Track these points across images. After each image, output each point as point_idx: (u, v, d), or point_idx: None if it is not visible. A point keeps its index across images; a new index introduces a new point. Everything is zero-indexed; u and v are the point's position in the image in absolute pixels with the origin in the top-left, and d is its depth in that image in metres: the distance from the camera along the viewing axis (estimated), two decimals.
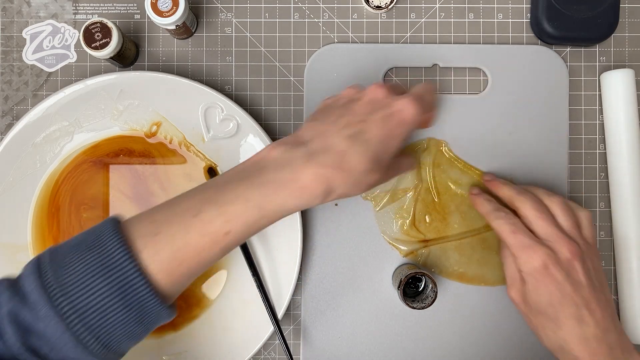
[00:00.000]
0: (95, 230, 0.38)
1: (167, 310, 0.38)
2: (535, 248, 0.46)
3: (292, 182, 0.39)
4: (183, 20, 0.51)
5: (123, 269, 0.36)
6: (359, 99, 0.44)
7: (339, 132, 0.41)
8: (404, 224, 0.56)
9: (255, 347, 0.54)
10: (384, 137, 0.42)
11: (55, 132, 0.54)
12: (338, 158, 0.40)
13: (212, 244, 0.38)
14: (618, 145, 0.55)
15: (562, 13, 0.55)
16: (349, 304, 0.56)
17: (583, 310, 0.45)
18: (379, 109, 0.43)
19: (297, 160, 0.40)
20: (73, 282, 0.35)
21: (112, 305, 0.36)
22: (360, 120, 0.42)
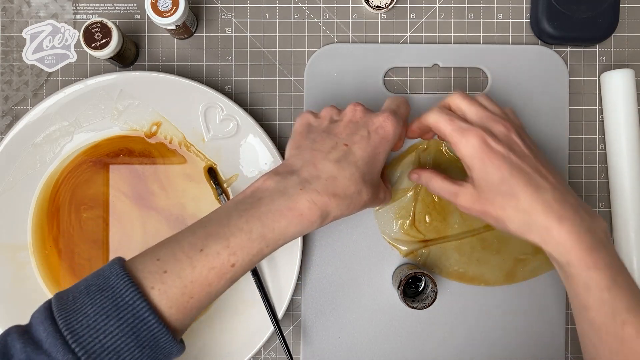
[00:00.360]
0: (103, 273, 0.39)
1: (178, 345, 0.39)
2: (471, 128, 0.45)
3: (290, 211, 0.41)
4: (183, 20, 0.51)
5: (135, 309, 0.37)
6: (339, 120, 0.46)
7: (326, 157, 0.43)
8: (404, 224, 0.56)
9: (255, 347, 0.54)
10: (369, 156, 0.44)
11: (55, 132, 0.54)
12: (330, 184, 0.42)
13: (220, 276, 0.39)
14: (618, 145, 0.55)
15: (562, 13, 0.55)
16: (349, 304, 0.56)
17: (535, 176, 0.44)
18: (360, 128, 0.45)
19: (292, 189, 0.41)
20: (86, 325, 0.36)
21: (126, 345, 0.36)
22: (344, 143, 0.44)
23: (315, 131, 0.46)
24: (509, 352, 0.56)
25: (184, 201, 0.55)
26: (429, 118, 0.48)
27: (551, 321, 0.56)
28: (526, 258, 0.56)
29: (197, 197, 0.55)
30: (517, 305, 0.56)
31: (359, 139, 0.44)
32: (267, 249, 0.41)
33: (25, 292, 0.54)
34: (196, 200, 0.55)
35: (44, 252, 0.55)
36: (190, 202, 0.55)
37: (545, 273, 0.56)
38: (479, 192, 0.46)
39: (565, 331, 0.56)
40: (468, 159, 0.45)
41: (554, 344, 0.56)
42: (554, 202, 0.43)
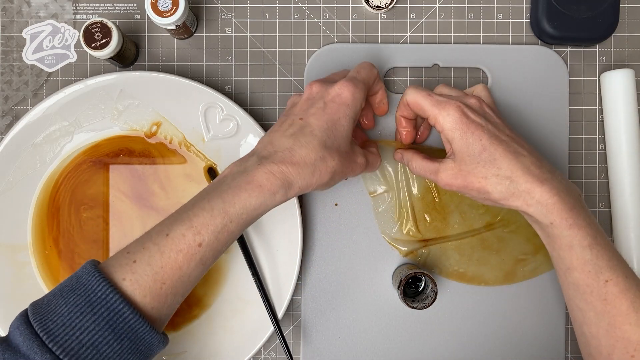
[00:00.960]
0: (75, 274, 0.39)
1: (158, 336, 0.39)
2: (449, 101, 0.47)
3: (248, 184, 0.41)
4: (183, 20, 0.51)
5: (108, 302, 0.37)
6: (298, 102, 0.48)
7: (283, 134, 0.45)
8: (404, 224, 0.56)
9: (255, 347, 0.54)
10: (326, 124, 0.45)
11: (55, 132, 0.54)
12: (287, 154, 0.43)
13: (189, 258, 0.40)
14: (618, 145, 0.55)
15: (562, 13, 0.55)
16: (349, 304, 0.56)
17: (512, 144, 0.46)
18: (316, 101, 0.46)
19: (250, 167, 0.43)
20: (61, 324, 0.36)
21: (104, 339, 0.37)
22: (300, 117, 0.45)
23: (278, 120, 0.48)
24: (509, 352, 0.56)
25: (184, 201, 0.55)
26: (406, 97, 0.49)
27: (551, 321, 0.56)
28: (526, 258, 0.56)
29: None
30: (517, 305, 0.56)
31: (314, 111, 0.45)
32: (231, 225, 0.41)
33: (25, 292, 0.54)
34: None
35: (44, 252, 0.55)
36: None
37: (545, 273, 0.56)
38: (460, 165, 0.47)
39: (565, 331, 0.56)
40: (448, 132, 0.46)
41: (554, 344, 0.56)
42: (533, 167, 0.45)
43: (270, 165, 0.42)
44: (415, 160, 0.51)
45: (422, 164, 0.50)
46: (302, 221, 0.55)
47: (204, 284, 0.55)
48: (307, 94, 0.47)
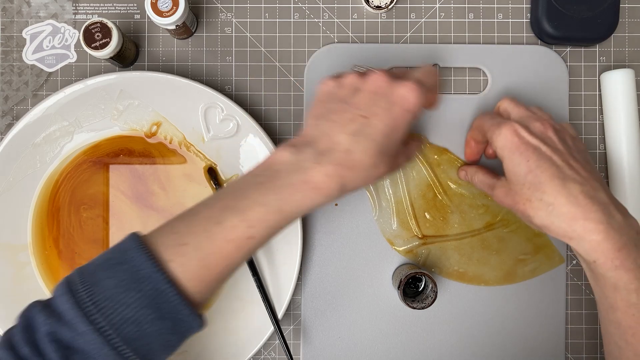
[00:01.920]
0: (120, 247, 0.39)
1: (199, 320, 0.39)
2: (506, 121, 0.46)
3: (305, 184, 0.40)
4: (183, 20, 0.51)
5: (154, 281, 0.37)
6: (361, 90, 0.44)
7: (343, 129, 0.42)
8: (404, 222, 0.56)
9: (255, 347, 0.54)
10: (388, 129, 0.42)
11: (55, 132, 0.54)
12: (345, 156, 0.41)
13: (237, 248, 0.39)
14: (618, 145, 0.55)
15: (562, 13, 0.55)
16: (349, 304, 0.56)
17: (565, 169, 0.43)
18: (381, 99, 0.43)
19: (307, 162, 0.41)
20: (106, 297, 0.36)
21: (146, 317, 0.37)
22: (363, 115, 0.42)
23: (334, 100, 0.45)
24: (509, 352, 0.56)
25: (184, 201, 0.55)
26: (475, 120, 0.50)
27: (551, 321, 0.56)
28: (526, 258, 0.56)
29: (197, 197, 0.55)
30: (517, 305, 0.56)
31: (378, 111, 0.43)
32: (284, 222, 0.41)
33: (25, 292, 0.54)
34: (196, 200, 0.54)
35: (44, 252, 0.55)
36: (190, 202, 0.55)
37: (545, 273, 0.56)
38: (510, 184, 0.46)
39: (565, 331, 0.56)
40: (499, 150, 0.46)
41: (554, 344, 0.56)
42: (581, 196, 0.41)
43: (328, 167, 0.40)
44: (477, 175, 0.51)
45: (482, 178, 0.50)
46: (302, 221, 0.55)
47: None
48: (373, 86, 0.44)
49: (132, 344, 0.36)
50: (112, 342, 0.36)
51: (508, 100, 0.50)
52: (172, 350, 0.39)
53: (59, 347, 0.35)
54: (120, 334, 0.36)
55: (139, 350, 0.37)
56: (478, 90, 0.57)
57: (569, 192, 0.42)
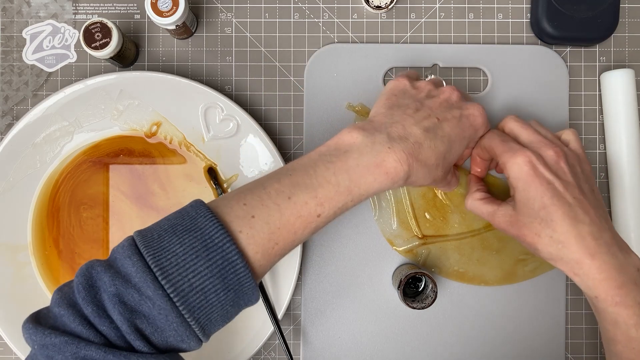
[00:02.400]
0: (189, 213, 0.39)
1: (257, 293, 0.39)
2: (521, 150, 0.46)
3: (377, 168, 0.41)
4: (183, 20, 0.51)
5: (224, 251, 0.37)
6: (435, 97, 0.47)
7: (417, 123, 0.44)
8: (404, 221, 0.56)
9: (255, 347, 0.54)
10: (455, 136, 0.45)
11: (55, 132, 0.54)
12: (416, 147, 0.43)
13: (306, 225, 0.40)
14: (618, 145, 0.55)
15: (562, 13, 0.55)
16: (349, 304, 0.56)
17: (576, 208, 0.44)
18: (453, 108, 0.46)
19: (379, 145, 0.42)
20: (175, 263, 0.36)
21: (213, 286, 0.36)
22: (437, 116, 0.45)
23: (409, 97, 0.47)
24: (509, 352, 0.56)
25: (184, 201, 0.55)
26: (483, 140, 0.49)
27: (551, 321, 0.56)
28: (526, 258, 0.56)
29: (197, 197, 0.55)
30: (517, 305, 0.56)
31: (450, 117, 0.45)
32: (351, 203, 0.41)
33: (25, 292, 0.54)
34: None
35: (44, 252, 0.55)
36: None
37: (545, 273, 0.56)
38: (518, 215, 0.46)
39: (565, 331, 0.56)
40: (513, 180, 0.46)
41: (554, 344, 0.56)
42: (589, 238, 0.43)
43: (400, 153, 0.42)
44: (471, 199, 0.51)
45: (477, 204, 0.50)
46: None
47: None
48: (447, 96, 0.47)
49: (196, 313, 0.36)
50: (179, 309, 0.35)
51: (513, 121, 0.49)
52: (227, 321, 0.39)
53: (124, 309, 0.35)
54: (185, 302, 0.35)
55: (200, 319, 0.37)
56: (478, 90, 0.57)
57: (579, 232, 0.44)
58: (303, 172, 0.41)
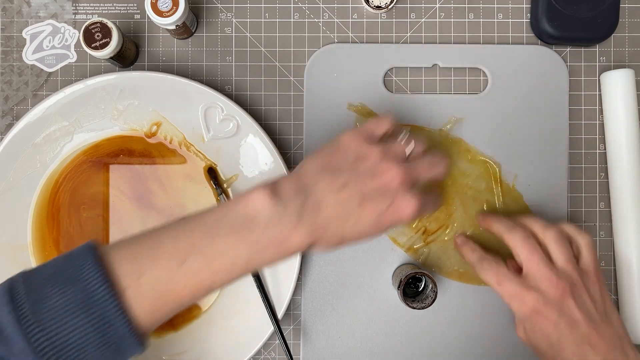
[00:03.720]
0: (75, 261, 0.37)
1: (142, 347, 0.38)
2: (522, 295, 0.47)
3: (280, 244, 0.39)
4: (183, 20, 0.51)
5: (105, 308, 0.35)
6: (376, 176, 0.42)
7: (336, 205, 0.41)
8: None
9: (255, 347, 0.54)
10: (369, 228, 0.42)
11: (55, 132, 0.54)
12: (322, 229, 0.40)
13: (196, 291, 0.39)
14: (618, 145, 0.55)
15: (562, 13, 0.55)
16: (349, 304, 0.56)
17: (584, 347, 0.45)
18: (386, 198, 0.42)
19: (288, 219, 0.39)
20: (52, 317, 0.34)
21: (90, 342, 0.35)
22: (360, 201, 0.41)
23: (348, 165, 0.43)
24: (509, 352, 0.56)
25: (184, 201, 0.55)
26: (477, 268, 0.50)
27: None
28: None
29: (197, 197, 0.55)
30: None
31: (374, 209, 0.41)
32: (246, 274, 0.40)
33: None
34: (196, 200, 0.55)
35: (44, 252, 0.55)
36: (190, 202, 0.55)
37: None
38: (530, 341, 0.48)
39: None
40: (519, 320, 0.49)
41: None
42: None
43: (306, 229, 0.40)
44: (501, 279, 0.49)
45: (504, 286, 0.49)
46: None
47: None
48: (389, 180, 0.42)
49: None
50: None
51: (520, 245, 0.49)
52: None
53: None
54: (60, 358, 0.34)
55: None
56: (478, 90, 0.57)
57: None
58: (202, 234, 0.39)
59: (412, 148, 0.45)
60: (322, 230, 0.40)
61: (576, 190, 0.57)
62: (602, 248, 0.57)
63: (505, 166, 0.56)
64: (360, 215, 0.41)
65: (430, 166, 0.45)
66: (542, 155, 0.56)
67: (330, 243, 0.41)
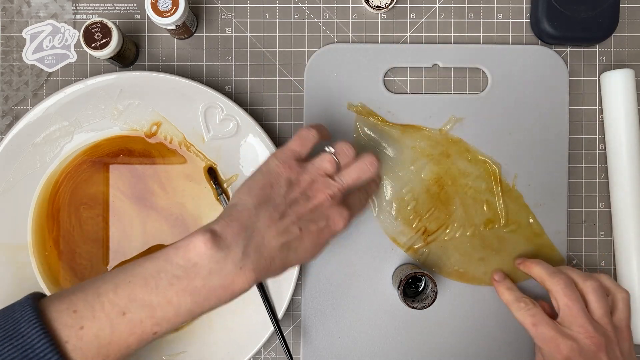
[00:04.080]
0: (13, 315, 0.36)
1: None
2: (558, 341, 0.47)
3: (224, 290, 0.39)
4: (183, 20, 0.51)
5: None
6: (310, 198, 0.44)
7: (278, 236, 0.42)
8: (405, 215, 0.56)
9: (255, 347, 0.54)
10: (310, 248, 0.44)
11: (55, 132, 0.54)
12: (267, 263, 0.41)
13: (140, 341, 0.38)
14: (618, 145, 0.55)
15: (562, 13, 0.55)
16: (349, 303, 0.56)
17: None
18: (320, 216, 0.44)
19: (231, 264, 0.39)
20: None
21: None
22: (300, 227, 0.43)
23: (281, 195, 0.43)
24: (509, 352, 0.56)
25: (184, 201, 0.55)
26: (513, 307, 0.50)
27: None
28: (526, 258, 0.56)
29: (197, 197, 0.55)
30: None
31: (313, 230, 0.43)
32: (190, 320, 0.39)
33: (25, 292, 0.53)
34: (196, 200, 0.55)
35: (44, 252, 0.55)
36: (190, 202, 0.55)
37: None
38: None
39: None
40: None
41: None
42: None
43: (251, 273, 0.39)
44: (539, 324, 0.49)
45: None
46: None
47: None
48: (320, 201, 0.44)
49: None
50: None
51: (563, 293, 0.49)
52: None
53: None
54: None
55: None
56: (478, 90, 0.57)
57: None
58: (143, 283, 0.38)
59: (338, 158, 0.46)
60: (267, 266, 0.41)
61: (576, 190, 0.57)
62: (602, 248, 0.57)
63: (505, 166, 0.56)
64: (302, 241, 0.43)
65: (360, 173, 0.46)
66: (542, 155, 0.56)
67: (276, 273, 0.42)
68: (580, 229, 0.57)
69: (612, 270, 0.57)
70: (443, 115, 0.56)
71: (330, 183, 0.45)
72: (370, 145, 0.56)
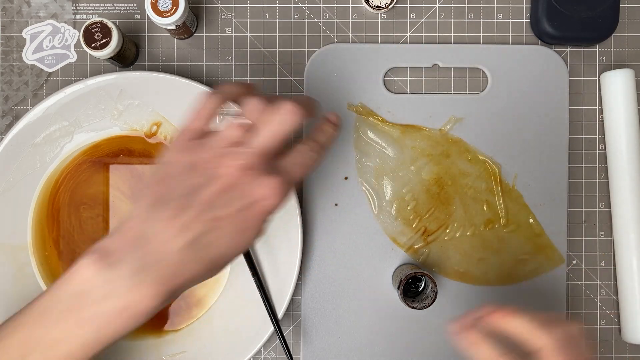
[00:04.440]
0: None
1: None
2: None
3: (126, 311, 0.34)
4: (183, 20, 0.51)
5: None
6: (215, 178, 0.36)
7: (179, 235, 0.34)
8: (405, 215, 0.56)
9: (255, 347, 0.54)
10: (238, 236, 0.35)
11: (55, 132, 0.54)
12: (174, 269, 0.34)
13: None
14: (618, 145, 0.55)
15: (562, 13, 0.55)
16: (349, 304, 0.56)
17: None
18: (235, 197, 0.35)
19: (119, 284, 0.34)
20: None
21: None
22: (208, 217, 0.35)
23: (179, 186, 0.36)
24: None
25: None
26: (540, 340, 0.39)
27: None
28: (526, 258, 0.56)
29: None
30: (517, 305, 0.56)
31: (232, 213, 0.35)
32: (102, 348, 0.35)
33: (25, 293, 0.54)
34: None
35: (44, 252, 0.55)
36: None
37: (545, 273, 0.56)
38: None
39: None
40: None
41: None
42: None
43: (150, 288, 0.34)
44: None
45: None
46: (302, 221, 0.55)
47: (204, 285, 0.55)
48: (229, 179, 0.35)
49: None
50: None
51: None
52: None
53: None
54: None
55: None
56: (478, 90, 0.57)
57: None
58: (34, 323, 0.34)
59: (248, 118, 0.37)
60: (175, 273, 0.34)
61: (576, 190, 0.57)
62: (602, 248, 0.57)
63: (505, 166, 0.56)
64: (219, 230, 0.35)
65: (279, 126, 0.37)
66: (542, 155, 0.56)
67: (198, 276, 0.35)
68: (580, 229, 0.57)
69: (612, 270, 0.57)
70: (443, 115, 0.56)
71: (239, 152, 0.36)
72: (370, 145, 0.56)
